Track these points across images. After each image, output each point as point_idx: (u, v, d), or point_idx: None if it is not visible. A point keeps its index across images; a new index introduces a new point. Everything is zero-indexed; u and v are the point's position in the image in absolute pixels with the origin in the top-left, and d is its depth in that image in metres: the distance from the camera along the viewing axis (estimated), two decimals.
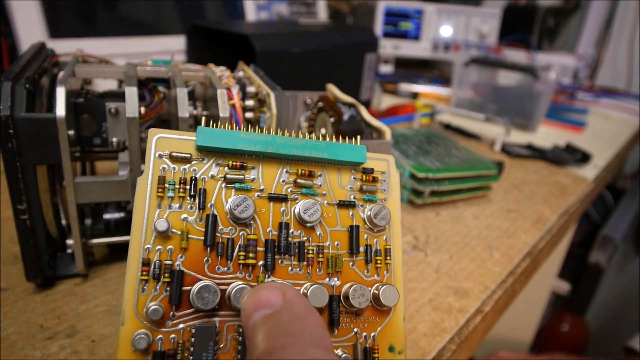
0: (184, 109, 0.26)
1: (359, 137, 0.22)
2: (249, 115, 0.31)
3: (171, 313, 0.17)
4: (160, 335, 0.17)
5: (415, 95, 0.87)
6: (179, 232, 0.18)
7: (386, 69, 1.04)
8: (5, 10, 0.53)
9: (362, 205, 0.22)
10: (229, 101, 0.28)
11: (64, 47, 0.37)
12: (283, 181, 0.21)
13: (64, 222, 0.28)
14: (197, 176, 0.19)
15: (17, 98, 0.23)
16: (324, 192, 0.21)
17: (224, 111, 0.27)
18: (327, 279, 0.20)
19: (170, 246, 0.18)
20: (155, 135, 0.19)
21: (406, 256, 0.36)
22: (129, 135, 0.26)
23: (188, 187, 0.19)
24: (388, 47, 1.00)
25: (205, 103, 0.33)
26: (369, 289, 0.20)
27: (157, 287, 0.18)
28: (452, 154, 0.48)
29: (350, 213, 0.21)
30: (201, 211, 0.19)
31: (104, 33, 0.61)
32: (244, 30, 0.52)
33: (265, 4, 0.78)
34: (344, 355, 0.19)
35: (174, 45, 0.64)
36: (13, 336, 0.25)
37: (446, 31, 1.02)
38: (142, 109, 0.28)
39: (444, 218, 0.43)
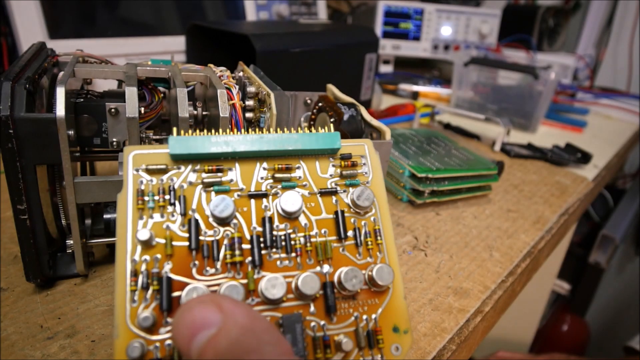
0: (184, 109, 0.26)
1: (331, 124, 0.22)
2: (249, 115, 0.31)
3: (164, 320, 0.17)
4: (156, 344, 0.17)
5: (415, 95, 0.87)
6: (163, 241, 0.18)
7: (386, 69, 1.04)
8: (5, 10, 0.53)
9: (344, 191, 0.22)
10: (229, 101, 0.28)
11: (64, 47, 0.37)
12: (262, 178, 0.21)
13: (64, 222, 0.28)
14: (176, 185, 0.19)
15: (17, 98, 0.23)
16: (304, 183, 0.21)
17: (224, 111, 0.27)
18: (319, 268, 0.20)
19: (157, 255, 0.18)
20: (130, 153, 0.19)
21: (406, 256, 0.36)
22: (129, 135, 0.26)
23: (167, 196, 0.19)
24: (388, 47, 1.00)
25: (205, 103, 0.33)
26: (362, 271, 0.20)
27: (147, 297, 0.17)
28: (452, 154, 0.48)
29: (334, 200, 0.21)
30: (183, 217, 0.19)
31: (104, 33, 0.61)
32: (243, 30, 0.52)
33: (265, 4, 0.78)
34: (344, 340, 0.19)
35: (174, 45, 0.64)
36: (13, 336, 0.25)
37: (446, 31, 1.02)
38: (142, 109, 0.28)
39: (444, 218, 0.43)
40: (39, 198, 0.25)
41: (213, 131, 0.21)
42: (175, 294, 0.18)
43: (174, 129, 0.21)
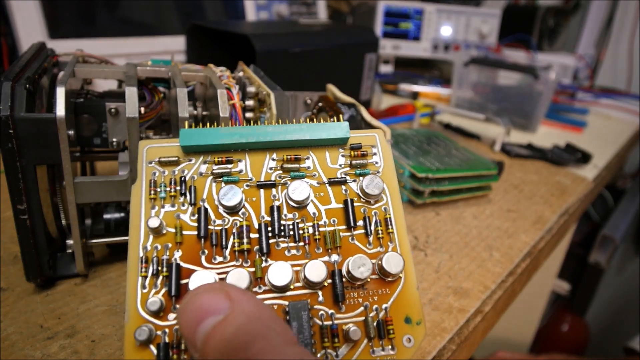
0: (184, 109, 0.26)
1: (341, 115, 0.23)
2: (249, 115, 0.31)
3: (172, 306, 0.18)
4: (165, 329, 0.17)
5: (415, 95, 0.87)
6: (174, 229, 0.19)
7: (386, 69, 1.04)
8: (5, 10, 0.53)
9: (354, 181, 0.22)
10: (229, 101, 0.28)
11: (64, 47, 0.37)
12: (271, 169, 0.21)
13: (64, 222, 0.28)
14: (187, 176, 0.20)
15: (17, 98, 0.23)
16: (313, 174, 0.21)
17: (224, 111, 0.27)
18: (327, 257, 0.20)
19: (167, 243, 0.19)
20: (145, 147, 0.20)
21: None
22: (129, 135, 0.26)
23: (179, 187, 0.20)
24: (388, 47, 1.00)
25: (205, 103, 0.33)
26: (372, 260, 0.20)
27: (158, 283, 0.18)
28: (452, 154, 0.48)
29: (344, 189, 0.21)
30: (193, 207, 0.20)
31: (104, 33, 0.61)
32: (243, 30, 0.52)
33: (265, 4, 0.78)
34: (352, 329, 0.19)
35: (174, 45, 0.64)
36: (13, 336, 0.25)
37: (446, 31, 1.02)
38: (142, 109, 0.28)
39: (444, 218, 0.43)
40: (39, 198, 0.25)
41: (223, 124, 0.21)
42: (185, 281, 0.18)
43: (186, 122, 0.21)
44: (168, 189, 0.20)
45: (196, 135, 0.20)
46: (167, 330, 0.17)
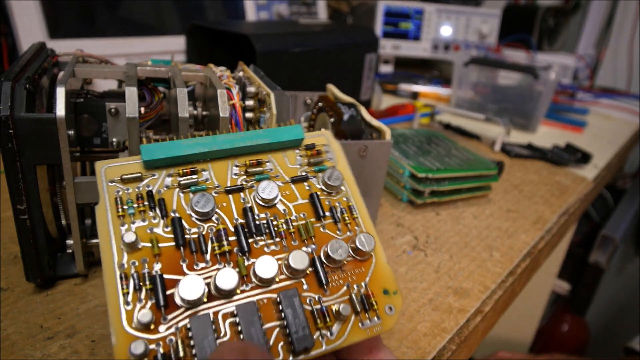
0: (184, 109, 0.26)
1: (292, 120, 0.24)
2: (249, 115, 0.31)
3: (162, 317, 0.17)
4: (158, 342, 0.17)
5: (415, 95, 0.87)
6: (149, 244, 0.19)
7: (386, 69, 1.04)
8: (5, 10, 0.53)
9: (314, 177, 0.23)
10: (229, 101, 0.28)
11: (64, 47, 0.37)
12: (235, 174, 0.22)
13: (64, 222, 0.28)
14: (153, 190, 0.20)
15: (17, 98, 0.23)
16: (276, 175, 0.23)
17: (224, 111, 0.27)
18: (304, 247, 0.21)
19: (144, 257, 0.18)
20: (102, 167, 0.20)
21: (406, 256, 0.36)
22: (129, 135, 0.26)
23: (147, 202, 0.20)
24: (388, 47, 1.00)
25: (205, 103, 0.33)
26: (345, 243, 0.22)
27: (142, 297, 0.18)
28: (452, 154, 0.48)
29: (306, 186, 0.23)
30: (165, 219, 0.20)
31: (104, 33, 0.61)
32: (243, 30, 0.52)
33: (265, 4, 0.78)
34: (342, 306, 0.20)
35: (174, 45, 0.64)
36: (13, 336, 0.25)
37: (446, 31, 1.02)
38: (142, 109, 0.28)
39: (444, 218, 0.43)
40: (39, 198, 0.25)
41: (182, 135, 0.22)
42: (170, 291, 0.18)
43: (144, 140, 0.21)
44: (136, 205, 0.19)
45: (158, 149, 0.20)
46: (160, 342, 0.17)
